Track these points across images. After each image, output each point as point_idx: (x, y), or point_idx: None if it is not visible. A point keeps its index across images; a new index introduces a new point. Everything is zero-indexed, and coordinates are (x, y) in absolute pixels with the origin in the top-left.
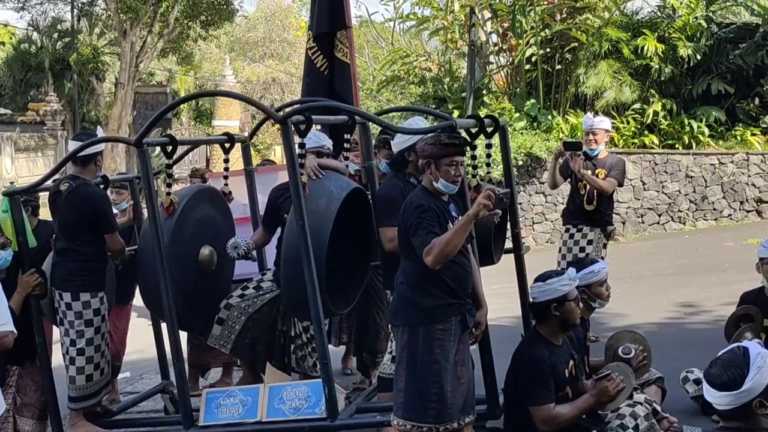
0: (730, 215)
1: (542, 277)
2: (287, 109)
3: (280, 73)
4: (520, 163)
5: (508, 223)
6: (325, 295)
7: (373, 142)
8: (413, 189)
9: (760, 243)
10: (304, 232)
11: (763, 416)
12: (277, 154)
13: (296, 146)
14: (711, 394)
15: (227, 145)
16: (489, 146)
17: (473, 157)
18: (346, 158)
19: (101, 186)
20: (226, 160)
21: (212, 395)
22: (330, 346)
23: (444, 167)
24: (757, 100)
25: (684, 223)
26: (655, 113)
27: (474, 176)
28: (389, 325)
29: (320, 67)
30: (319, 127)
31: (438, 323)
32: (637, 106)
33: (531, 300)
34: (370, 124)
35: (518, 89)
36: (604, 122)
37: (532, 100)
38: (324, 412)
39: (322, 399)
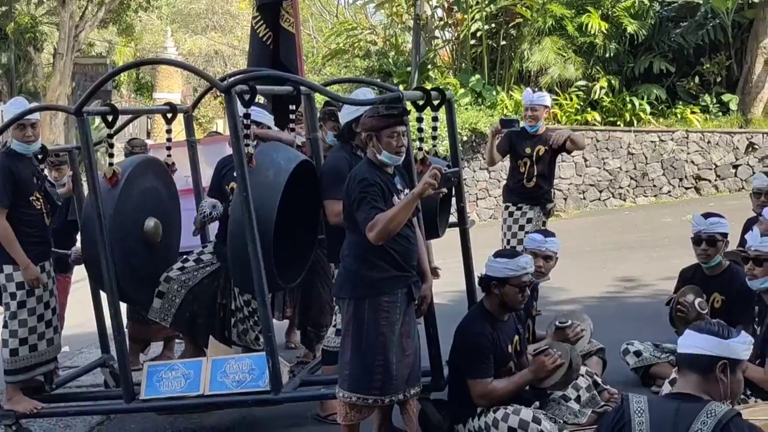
0: (669, 192)
1: (496, 253)
2: (231, 79)
3: (222, 45)
4: (465, 138)
5: (453, 198)
6: (273, 269)
7: (318, 114)
8: (360, 161)
9: (692, 218)
10: (247, 204)
11: (719, 381)
12: (219, 127)
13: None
14: (693, 333)
15: (170, 116)
16: (435, 119)
17: (420, 130)
18: (292, 130)
19: (39, 156)
20: (169, 131)
21: (154, 369)
22: (273, 320)
23: (385, 139)
24: (697, 79)
25: (624, 200)
26: (599, 89)
27: (420, 149)
28: (334, 299)
29: (263, 37)
30: (263, 99)
31: (384, 295)
32: (581, 83)
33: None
34: (315, 95)
35: (463, 64)
36: (544, 98)
37: (477, 76)
38: (267, 385)
39: (265, 372)
